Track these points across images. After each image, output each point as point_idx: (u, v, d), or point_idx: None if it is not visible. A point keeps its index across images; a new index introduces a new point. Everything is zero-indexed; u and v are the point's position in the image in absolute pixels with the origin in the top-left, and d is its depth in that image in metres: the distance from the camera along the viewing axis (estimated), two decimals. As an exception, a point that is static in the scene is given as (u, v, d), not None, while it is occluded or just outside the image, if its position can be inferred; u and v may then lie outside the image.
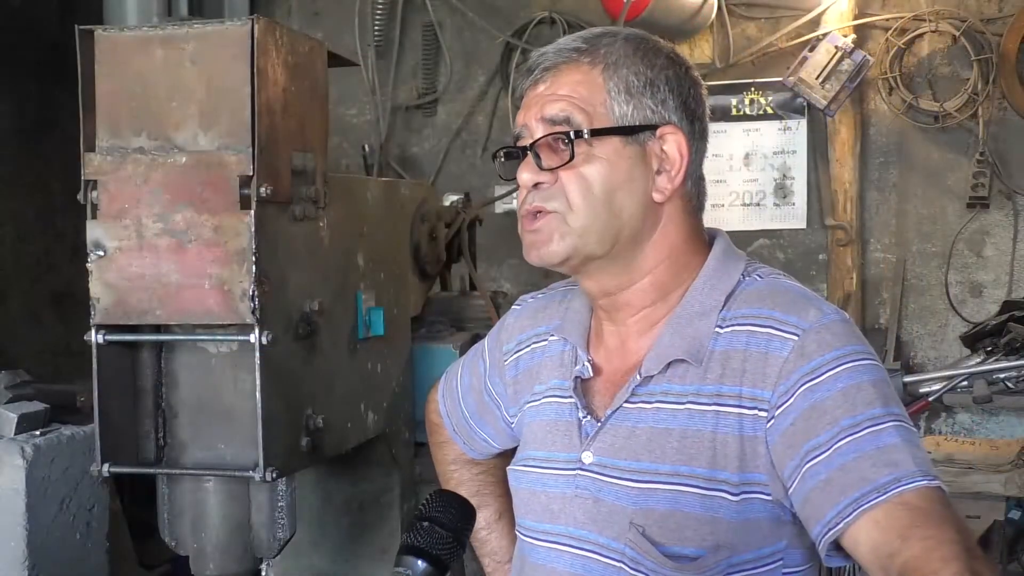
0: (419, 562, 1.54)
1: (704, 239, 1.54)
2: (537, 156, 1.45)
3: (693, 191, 1.51)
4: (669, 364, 1.44)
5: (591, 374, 1.53)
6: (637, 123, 1.45)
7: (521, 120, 1.50)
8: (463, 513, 1.59)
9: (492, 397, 1.76)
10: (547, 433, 1.56)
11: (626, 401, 1.46)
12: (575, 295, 1.62)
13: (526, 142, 1.48)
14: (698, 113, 1.50)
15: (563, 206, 1.44)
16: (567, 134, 1.43)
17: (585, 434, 1.49)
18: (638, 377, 1.45)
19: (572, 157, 1.43)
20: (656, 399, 1.44)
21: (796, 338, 1.37)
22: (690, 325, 1.45)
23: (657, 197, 1.46)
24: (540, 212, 1.45)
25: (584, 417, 1.50)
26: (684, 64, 1.51)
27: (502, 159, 1.57)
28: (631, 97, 1.45)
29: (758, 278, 1.48)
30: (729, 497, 1.38)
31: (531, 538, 1.55)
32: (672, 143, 1.46)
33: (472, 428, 1.83)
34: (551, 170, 1.44)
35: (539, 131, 1.46)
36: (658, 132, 1.46)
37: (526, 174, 1.46)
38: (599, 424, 1.48)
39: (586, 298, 1.58)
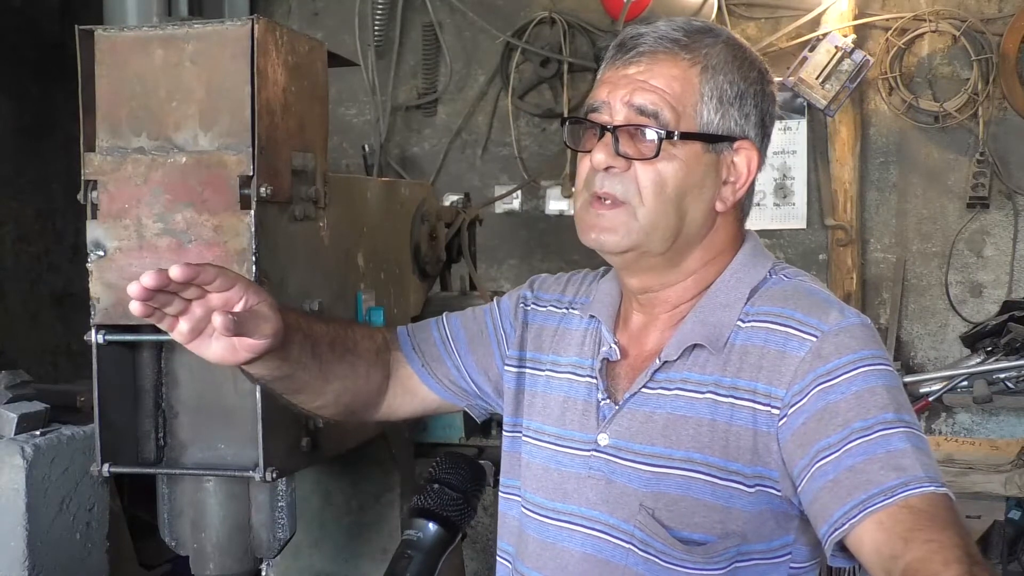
0: (430, 524, 1.53)
1: (741, 239, 1.56)
2: (616, 140, 1.44)
3: (747, 202, 1.54)
4: (688, 351, 1.45)
5: (619, 356, 1.53)
6: (721, 133, 1.46)
7: (603, 96, 1.47)
8: (473, 474, 1.58)
9: (495, 333, 1.71)
10: (564, 411, 1.56)
11: (645, 386, 1.47)
12: (608, 278, 1.62)
13: (603, 119, 1.46)
14: (768, 131, 1.52)
15: (635, 198, 1.44)
16: (656, 131, 1.42)
17: (603, 416, 1.50)
18: (658, 362, 1.47)
19: (658, 153, 1.42)
20: (676, 386, 1.45)
21: (814, 339, 1.39)
22: (713, 315, 1.47)
23: (719, 207, 1.48)
24: (611, 200, 1.45)
25: (603, 399, 1.51)
26: (771, 80, 1.52)
27: (569, 125, 1.56)
28: (721, 106, 1.45)
29: (784, 278, 1.50)
30: (744, 488, 1.40)
31: (541, 515, 1.55)
32: (744, 157, 1.48)
33: (445, 353, 1.71)
34: (628, 159, 1.44)
35: (623, 115, 1.44)
36: (735, 145, 1.47)
37: (602, 155, 1.44)
38: (617, 407, 1.49)
39: (619, 283, 1.59)
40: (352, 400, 1.65)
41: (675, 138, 1.43)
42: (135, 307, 1.28)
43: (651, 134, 1.43)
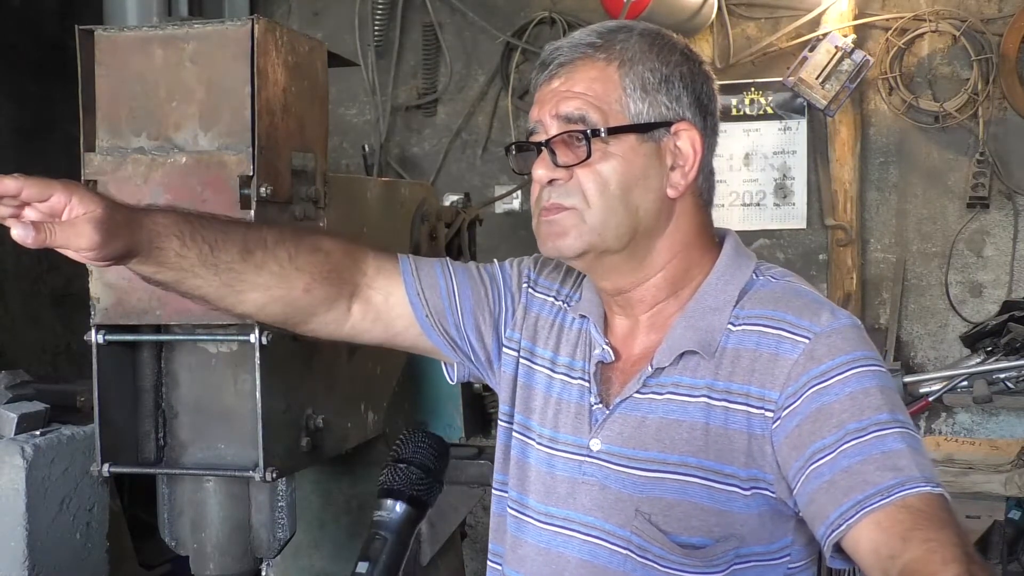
0: (397, 504, 1.54)
1: (713, 235, 1.55)
2: (552, 153, 1.45)
3: (704, 186, 1.52)
4: (680, 356, 1.45)
5: (612, 358, 1.52)
6: (652, 120, 1.46)
7: (535, 116, 1.49)
8: (438, 450, 1.58)
9: (499, 303, 1.66)
10: (556, 412, 1.55)
11: (636, 391, 1.47)
12: (588, 281, 1.61)
13: (540, 138, 1.48)
14: (710, 109, 1.51)
15: (580, 203, 1.44)
16: (584, 132, 1.43)
17: (595, 420, 1.50)
18: (650, 369, 1.46)
19: (589, 155, 1.43)
20: (667, 390, 1.45)
21: (807, 341, 1.38)
22: (703, 319, 1.46)
23: (671, 193, 1.47)
24: (558, 208, 1.46)
25: (596, 403, 1.50)
26: (697, 60, 1.52)
27: (514, 153, 1.58)
28: (646, 94, 1.45)
29: (772, 279, 1.50)
30: (740, 491, 1.40)
31: (534, 519, 1.55)
32: (686, 139, 1.47)
33: (448, 308, 1.64)
34: (567, 167, 1.45)
35: (554, 128, 1.46)
36: (672, 128, 1.47)
37: (541, 170, 1.46)
38: (608, 412, 1.49)
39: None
40: (286, 311, 1.57)
41: (603, 134, 1.43)
42: None
43: (580, 137, 1.44)
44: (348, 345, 2.12)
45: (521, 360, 1.63)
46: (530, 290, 1.66)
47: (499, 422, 1.65)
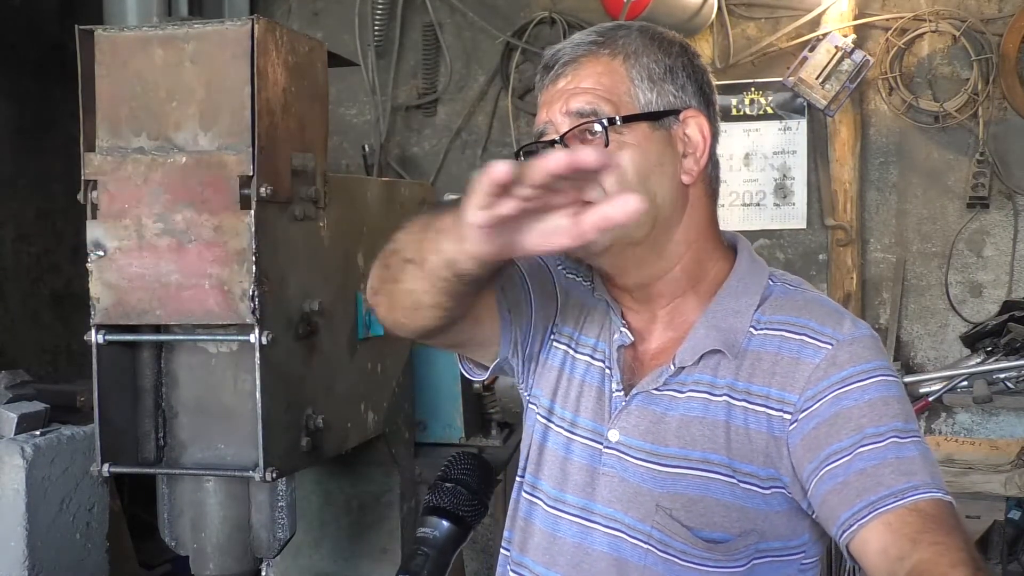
0: (443, 522, 1.55)
1: (719, 229, 1.56)
2: (567, 148, 1.45)
3: (713, 174, 1.54)
4: (701, 356, 1.46)
5: (631, 339, 1.52)
6: (662, 108, 1.47)
7: (544, 117, 1.49)
8: (486, 476, 1.58)
9: (556, 294, 1.60)
10: (579, 395, 1.55)
11: (655, 388, 1.47)
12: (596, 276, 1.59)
13: (552, 136, 1.48)
14: (712, 98, 1.54)
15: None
16: (600, 123, 1.44)
17: (614, 408, 1.50)
18: (671, 367, 1.46)
19: (607, 146, 1.43)
20: (688, 388, 1.46)
21: (830, 347, 1.40)
22: (724, 321, 1.47)
23: (686, 179, 1.49)
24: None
25: (617, 390, 1.50)
26: (695, 53, 1.55)
27: (523, 158, 1.57)
28: (654, 84, 1.47)
29: (790, 287, 1.51)
30: (760, 489, 1.41)
31: (544, 503, 1.54)
32: (695, 126, 1.49)
33: (527, 310, 1.57)
34: None
35: (565, 125, 1.46)
36: (681, 116, 1.48)
37: None
38: (625, 402, 1.49)
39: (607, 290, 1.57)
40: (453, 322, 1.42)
41: (618, 123, 1.44)
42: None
43: (596, 127, 1.44)
44: (348, 345, 2.12)
45: (554, 343, 1.60)
46: (563, 271, 1.66)
47: (537, 420, 1.59)
